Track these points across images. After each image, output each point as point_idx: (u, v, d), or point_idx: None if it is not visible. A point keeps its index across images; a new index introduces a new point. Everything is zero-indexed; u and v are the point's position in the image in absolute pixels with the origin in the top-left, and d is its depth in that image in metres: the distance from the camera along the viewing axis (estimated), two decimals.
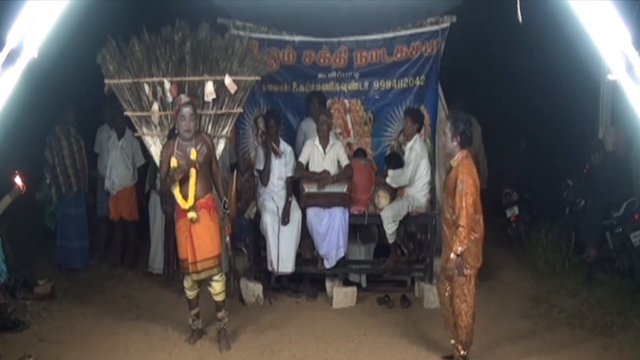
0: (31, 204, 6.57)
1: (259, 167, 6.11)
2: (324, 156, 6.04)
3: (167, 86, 4.94)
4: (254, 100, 6.51)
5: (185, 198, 4.66)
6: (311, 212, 5.95)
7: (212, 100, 5.01)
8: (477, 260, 4.35)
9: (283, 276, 6.06)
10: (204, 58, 5.01)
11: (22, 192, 4.59)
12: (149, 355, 4.79)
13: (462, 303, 4.35)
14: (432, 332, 5.04)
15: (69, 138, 6.66)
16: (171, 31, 5.00)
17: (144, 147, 5.59)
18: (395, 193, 6.12)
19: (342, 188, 5.92)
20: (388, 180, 6.05)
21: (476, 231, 4.31)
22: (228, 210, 4.95)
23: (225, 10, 6.11)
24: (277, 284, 6.20)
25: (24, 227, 6.64)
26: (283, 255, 5.85)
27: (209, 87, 4.96)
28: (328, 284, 6.10)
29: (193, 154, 4.64)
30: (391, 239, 5.97)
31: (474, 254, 4.32)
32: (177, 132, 4.73)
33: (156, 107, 4.99)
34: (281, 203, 5.99)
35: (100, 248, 7.14)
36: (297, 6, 5.57)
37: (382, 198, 6.06)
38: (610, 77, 3.12)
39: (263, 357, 4.79)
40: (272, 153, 6.01)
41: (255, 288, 5.93)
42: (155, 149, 5.13)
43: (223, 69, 5.03)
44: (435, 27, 6.34)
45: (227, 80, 4.99)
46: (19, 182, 4.53)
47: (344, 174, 6.00)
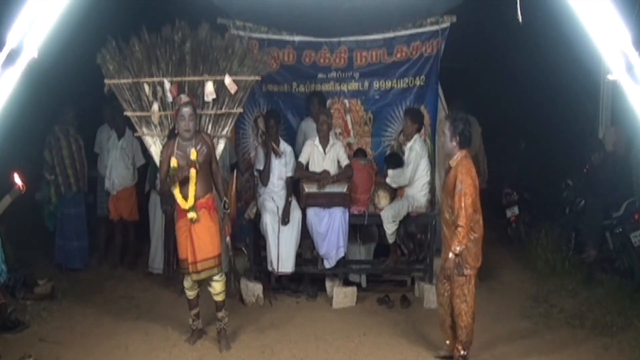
0: (31, 204, 6.58)
1: (259, 167, 6.11)
2: (324, 156, 6.04)
3: (167, 86, 4.94)
4: (254, 100, 6.51)
5: (185, 198, 4.66)
6: (311, 212, 5.95)
7: (212, 100, 5.02)
8: (477, 260, 4.36)
9: (283, 276, 6.06)
10: (204, 58, 5.02)
11: (22, 192, 4.57)
12: (149, 355, 4.79)
13: (462, 303, 4.35)
14: (432, 332, 5.03)
15: (69, 138, 6.65)
16: (171, 31, 5.01)
17: (144, 147, 5.59)
18: (395, 193, 6.12)
19: (342, 188, 5.92)
20: (388, 180, 6.04)
21: (475, 231, 4.31)
22: (228, 210, 4.95)
23: (225, 10, 6.11)
24: (277, 284, 6.20)
25: (24, 227, 6.63)
26: (283, 255, 5.85)
27: (209, 87, 4.96)
28: (328, 284, 6.10)
29: (193, 154, 4.64)
30: (391, 239, 5.97)
31: (474, 254, 4.33)
32: (177, 132, 4.73)
33: (156, 107, 4.99)
34: (281, 203, 5.99)
35: (100, 248, 7.13)
36: (297, 6, 5.57)
37: (382, 198, 6.06)
38: (610, 77, 3.12)
39: (263, 357, 4.79)
40: (272, 153, 6.01)
41: (255, 288, 5.93)
42: (155, 149, 5.13)
43: (223, 69, 5.04)
44: (435, 27, 6.34)
45: (227, 80, 4.99)
46: (19, 182, 4.51)
47: (344, 174, 6.00)
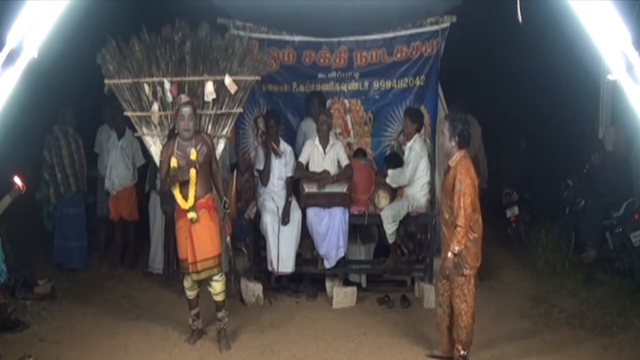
0: (31, 204, 6.58)
1: (259, 167, 6.11)
2: (324, 156, 6.04)
3: (167, 86, 4.94)
4: (254, 100, 6.51)
5: (185, 198, 4.66)
6: (311, 212, 5.95)
7: (212, 100, 5.02)
8: (477, 260, 4.35)
9: (283, 276, 6.06)
10: (204, 58, 5.02)
11: (22, 192, 4.58)
12: (149, 355, 4.79)
13: (462, 303, 4.35)
14: (432, 332, 5.01)
15: (68, 138, 6.65)
16: (171, 31, 5.01)
17: (144, 147, 5.59)
18: (395, 193, 6.12)
19: (342, 188, 5.92)
20: (388, 180, 6.04)
21: (475, 231, 4.31)
22: (228, 210, 4.95)
23: (225, 10, 6.10)
24: (277, 284, 6.20)
25: (24, 227, 6.63)
26: (283, 255, 5.85)
27: (209, 87, 4.96)
28: (328, 284, 6.10)
29: (193, 154, 4.64)
30: (391, 239, 5.97)
31: (473, 254, 4.33)
32: (177, 132, 4.73)
33: (156, 107, 4.99)
34: (281, 203, 5.99)
35: (100, 248, 7.13)
36: (297, 6, 5.57)
37: (382, 198, 6.06)
38: (610, 77, 3.11)
39: (263, 357, 4.79)
40: (272, 153, 6.01)
41: (255, 288, 5.93)
42: (155, 149, 5.13)
43: (223, 69, 5.04)
44: (435, 27, 6.34)
45: (227, 80, 4.99)
46: (19, 182, 4.52)
47: (344, 174, 6.00)
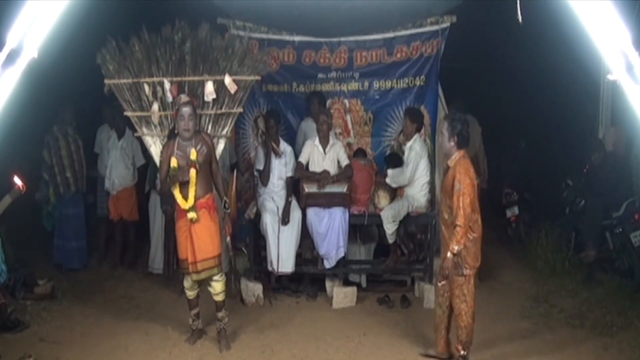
0: (31, 204, 6.58)
1: (259, 167, 6.11)
2: (324, 156, 6.04)
3: (167, 86, 4.94)
4: (254, 100, 6.51)
5: (185, 198, 4.66)
6: (311, 212, 5.95)
7: (212, 100, 5.02)
8: (476, 260, 4.35)
9: (283, 276, 6.06)
10: (204, 58, 5.02)
11: (22, 192, 4.58)
12: (149, 355, 4.79)
13: (462, 303, 4.35)
14: (432, 332, 5.02)
15: (67, 138, 6.65)
16: (171, 31, 5.01)
17: (144, 147, 5.59)
18: (395, 193, 6.12)
19: (342, 188, 5.92)
20: (388, 180, 6.04)
21: (474, 231, 4.31)
22: (228, 210, 4.95)
23: (225, 10, 6.10)
24: (277, 284, 6.20)
25: (24, 227, 6.63)
26: (283, 255, 5.85)
27: (209, 87, 4.96)
28: (328, 284, 6.10)
29: (193, 154, 4.64)
30: (391, 239, 5.97)
31: (473, 254, 4.33)
32: (177, 132, 4.73)
33: (156, 107, 5.00)
34: (281, 203, 5.99)
35: (100, 248, 7.13)
36: (297, 6, 5.57)
37: (382, 198, 6.06)
38: (610, 77, 3.12)
39: (263, 357, 4.79)
40: (272, 153, 6.01)
41: (255, 288, 5.92)
42: (155, 149, 5.13)
43: (223, 69, 5.04)
44: (435, 27, 6.34)
45: (227, 80, 4.99)
46: (19, 182, 4.52)
47: (344, 174, 6.00)
